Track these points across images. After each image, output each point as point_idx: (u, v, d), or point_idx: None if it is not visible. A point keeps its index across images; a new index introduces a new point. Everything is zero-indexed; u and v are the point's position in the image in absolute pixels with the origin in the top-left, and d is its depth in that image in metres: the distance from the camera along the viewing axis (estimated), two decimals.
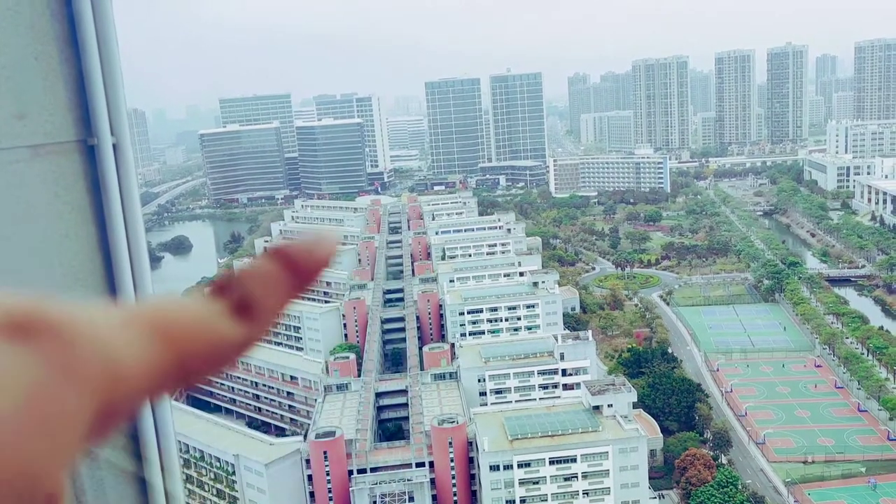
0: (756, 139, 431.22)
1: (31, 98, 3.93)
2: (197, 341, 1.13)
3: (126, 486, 4.37)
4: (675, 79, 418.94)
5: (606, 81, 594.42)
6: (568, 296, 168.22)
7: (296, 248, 1.24)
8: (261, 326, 1.20)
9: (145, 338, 1.08)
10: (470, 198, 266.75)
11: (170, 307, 1.15)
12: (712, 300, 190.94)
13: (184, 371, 1.12)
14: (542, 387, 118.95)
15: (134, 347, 1.06)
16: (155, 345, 1.08)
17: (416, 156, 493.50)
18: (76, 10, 4.01)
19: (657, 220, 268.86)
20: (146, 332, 1.08)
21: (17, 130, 3.88)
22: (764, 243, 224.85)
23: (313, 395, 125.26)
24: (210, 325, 1.15)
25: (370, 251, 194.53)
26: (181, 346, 1.11)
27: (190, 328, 1.13)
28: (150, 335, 1.08)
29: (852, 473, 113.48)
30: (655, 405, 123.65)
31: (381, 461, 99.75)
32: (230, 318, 1.17)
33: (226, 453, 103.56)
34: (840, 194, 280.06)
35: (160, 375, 1.09)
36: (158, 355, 1.08)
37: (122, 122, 4.31)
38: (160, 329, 1.10)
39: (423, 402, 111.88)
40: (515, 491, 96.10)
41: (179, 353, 1.11)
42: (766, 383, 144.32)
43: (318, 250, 1.25)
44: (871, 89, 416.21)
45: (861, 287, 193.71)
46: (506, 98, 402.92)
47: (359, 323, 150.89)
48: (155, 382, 1.09)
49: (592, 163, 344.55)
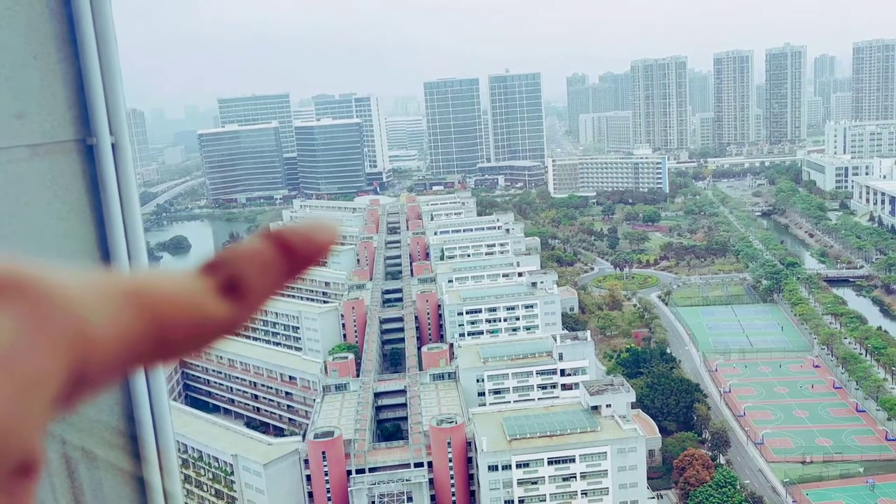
0: (754, 139, 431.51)
1: (30, 97, 3.93)
2: (178, 314, 1.11)
3: (125, 487, 4.37)
4: (673, 79, 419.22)
5: (605, 82, 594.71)
6: (566, 296, 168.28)
7: (293, 232, 1.20)
8: (249, 308, 1.17)
9: (123, 305, 1.06)
10: (469, 198, 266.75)
11: (153, 278, 1.13)
12: (711, 300, 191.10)
13: (163, 343, 1.10)
14: (540, 387, 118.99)
15: (110, 313, 1.04)
16: (133, 313, 1.06)
17: (415, 156, 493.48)
18: (75, 10, 4.01)
19: (656, 221, 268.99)
20: (124, 299, 1.07)
21: (15, 130, 3.88)
22: (762, 243, 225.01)
23: (312, 396, 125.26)
24: (194, 300, 1.13)
25: (369, 251, 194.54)
26: (161, 317, 1.09)
27: (172, 300, 1.11)
28: (129, 303, 1.07)
29: (850, 473, 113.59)
30: (654, 405, 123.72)
31: (380, 461, 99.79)
32: (217, 297, 1.14)
33: (224, 453, 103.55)
34: (838, 195, 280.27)
35: (137, 344, 1.07)
36: (136, 324, 1.06)
37: (121, 121, 4.30)
38: (140, 298, 1.08)
39: (422, 402, 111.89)
40: (514, 491, 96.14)
41: (159, 324, 1.08)
42: (765, 383, 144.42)
43: (316, 237, 1.21)
44: (869, 90, 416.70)
45: (859, 287, 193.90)
46: (504, 98, 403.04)
47: (357, 323, 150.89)
48: (131, 351, 1.06)
49: (591, 163, 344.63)
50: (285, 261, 1.18)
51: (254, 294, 1.16)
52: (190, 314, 1.12)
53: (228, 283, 1.15)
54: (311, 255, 1.20)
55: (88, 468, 4.18)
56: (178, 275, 1.15)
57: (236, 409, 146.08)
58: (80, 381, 1.01)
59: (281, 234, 1.19)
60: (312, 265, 1.21)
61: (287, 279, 1.19)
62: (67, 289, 1.01)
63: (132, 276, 1.14)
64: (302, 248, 1.19)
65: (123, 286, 1.09)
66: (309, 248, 1.19)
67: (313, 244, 1.19)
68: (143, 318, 1.07)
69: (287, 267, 1.18)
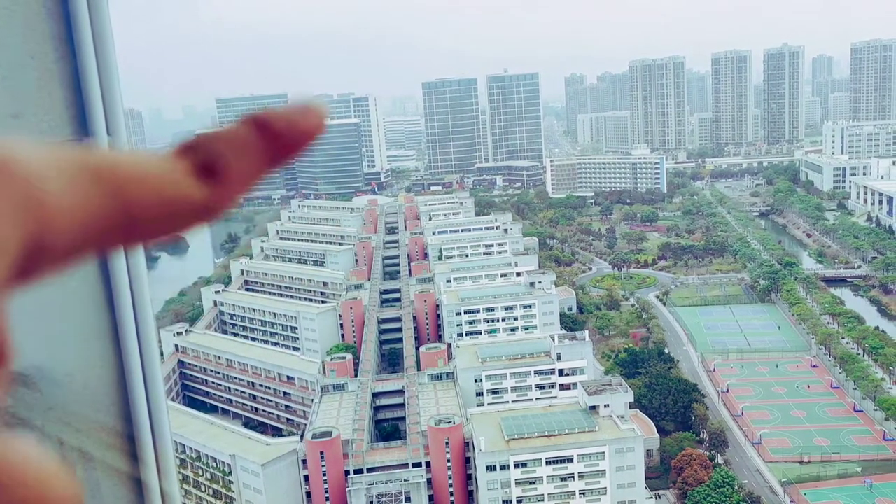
0: (752, 140, 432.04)
1: (27, 97, 3.92)
2: (148, 192, 1.04)
3: (122, 488, 4.36)
4: (671, 79, 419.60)
5: (603, 82, 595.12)
6: (564, 296, 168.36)
7: (277, 115, 1.11)
8: (227, 192, 1.10)
9: (87, 178, 1.00)
10: (467, 198, 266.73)
11: (123, 156, 1.08)
12: (709, 300, 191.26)
13: (130, 221, 1.04)
14: (538, 387, 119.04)
15: (72, 184, 0.98)
16: (98, 187, 1.01)
17: (413, 156, 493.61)
18: (72, 8, 4.00)
19: (654, 221, 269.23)
20: (90, 172, 1.01)
21: (11, 130, 3.87)
22: (760, 244, 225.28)
23: (310, 396, 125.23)
24: (166, 179, 1.06)
25: (367, 251, 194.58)
26: (128, 193, 1.03)
27: (141, 177, 1.04)
28: (94, 177, 1.01)
29: (848, 473, 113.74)
30: (652, 405, 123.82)
31: (378, 461, 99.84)
32: (193, 178, 1.07)
33: (222, 453, 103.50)
34: (836, 195, 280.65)
35: (100, 219, 1.01)
36: (100, 197, 1.01)
37: (119, 121, 4.29)
38: (106, 172, 1.02)
39: (420, 402, 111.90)
40: (512, 491, 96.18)
41: (125, 200, 1.02)
42: (763, 383, 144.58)
43: (302, 121, 1.11)
44: (867, 90, 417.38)
45: (857, 287, 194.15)
46: (503, 98, 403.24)
47: (355, 323, 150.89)
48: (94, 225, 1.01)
49: (589, 163, 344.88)
50: (268, 145, 1.10)
51: (232, 178, 1.09)
52: (161, 193, 1.05)
53: (205, 165, 1.08)
54: (296, 140, 1.12)
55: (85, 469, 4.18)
56: (151, 154, 1.10)
57: (234, 409, 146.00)
58: (38, 250, 0.97)
59: (264, 117, 1.11)
60: (297, 151, 1.14)
61: (270, 165, 1.12)
62: (28, 157, 0.97)
63: (100, 152, 1.07)
64: (286, 133, 1.11)
65: (90, 160, 1.03)
66: (294, 133, 1.11)
67: (299, 128, 1.11)
68: (109, 192, 1.02)
69: (270, 151, 1.10)
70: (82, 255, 1.03)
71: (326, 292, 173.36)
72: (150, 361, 4.52)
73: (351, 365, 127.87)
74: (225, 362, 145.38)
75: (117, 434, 4.38)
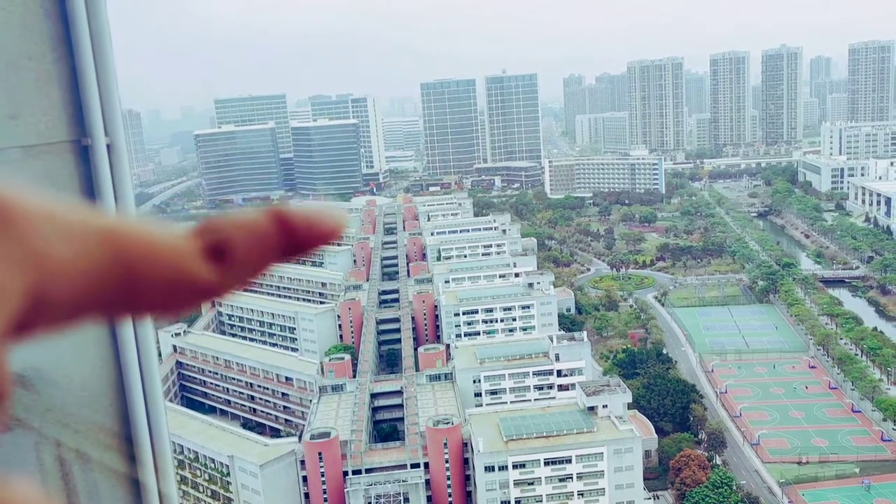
0: (751, 140, 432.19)
1: (24, 98, 3.91)
2: (153, 266, 1.06)
3: (120, 488, 4.35)
4: (669, 80, 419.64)
5: (601, 83, 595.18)
6: (563, 297, 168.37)
7: (297, 213, 1.14)
8: (233, 278, 1.12)
9: (95, 242, 1.02)
10: (465, 199, 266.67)
11: (136, 225, 1.09)
12: (707, 301, 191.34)
13: (133, 292, 1.06)
14: (537, 388, 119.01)
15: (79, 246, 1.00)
16: (104, 252, 1.03)
17: (412, 157, 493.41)
18: (70, 9, 3.99)
19: (652, 222, 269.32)
20: (98, 237, 1.03)
21: (9, 131, 3.86)
22: (758, 244, 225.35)
23: (308, 396, 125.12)
24: (174, 255, 1.08)
25: (365, 252, 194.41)
26: (134, 263, 1.05)
27: (149, 250, 1.06)
28: (101, 242, 1.03)
29: (846, 474, 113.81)
30: (650, 406, 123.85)
31: (376, 462, 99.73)
32: (201, 259, 1.10)
33: (220, 454, 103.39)
34: (834, 196, 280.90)
35: (103, 285, 1.03)
36: (105, 263, 1.02)
37: (117, 122, 4.28)
38: (114, 240, 1.04)
39: (419, 402, 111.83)
40: (510, 492, 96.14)
41: (130, 270, 1.04)
42: (761, 384, 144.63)
43: (320, 224, 1.15)
44: (864, 91, 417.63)
45: (855, 288, 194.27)
46: (501, 99, 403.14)
47: (354, 324, 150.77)
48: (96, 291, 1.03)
49: (588, 164, 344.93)
50: (282, 239, 1.13)
51: (241, 264, 1.12)
52: (166, 269, 1.07)
53: (216, 247, 1.11)
54: (311, 241, 1.15)
55: (83, 470, 4.17)
56: (164, 228, 1.11)
57: (232, 409, 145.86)
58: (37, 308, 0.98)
59: (284, 213, 1.14)
60: (309, 251, 1.16)
61: (280, 258, 1.15)
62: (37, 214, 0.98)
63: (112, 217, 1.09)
64: (302, 232, 1.14)
65: (100, 225, 1.04)
66: (309, 233, 1.14)
67: (315, 230, 1.14)
68: (114, 260, 1.03)
69: (282, 246, 1.13)
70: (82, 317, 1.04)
71: (325, 293, 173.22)
72: (147, 362, 4.51)
73: (349, 365, 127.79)
74: (223, 363, 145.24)
75: (115, 435, 4.37)
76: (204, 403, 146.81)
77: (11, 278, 0.94)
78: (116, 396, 4.37)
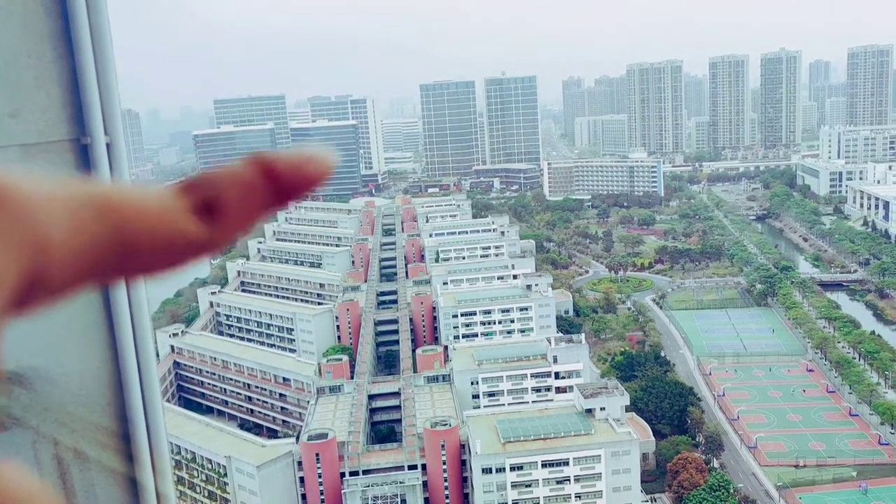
0: (749, 144, 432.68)
1: (24, 96, 3.90)
2: (146, 228, 1.07)
3: (117, 488, 4.34)
4: (669, 83, 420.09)
5: (601, 85, 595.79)
6: (561, 299, 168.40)
7: (282, 158, 1.14)
8: (224, 232, 1.12)
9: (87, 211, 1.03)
10: (464, 200, 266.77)
11: (124, 191, 1.09)
12: (705, 304, 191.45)
13: (128, 256, 1.07)
14: (534, 390, 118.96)
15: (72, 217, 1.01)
16: (97, 220, 1.03)
17: (411, 158, 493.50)
18: (70, 8, 3.98)
19: (651, 224, 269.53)
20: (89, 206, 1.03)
21: (9, 129, 3.85)
22: (757, 248, 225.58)
23: (306, 397, 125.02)
24: (165, 215, 1.08)
25: (364, 253, 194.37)
26: (127, 228, 1.05)
27: (141, 213, 1.07)
28: (94, 210, 1.03)
29: (843, 478, 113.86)
30: (648, 409, 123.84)
31: (374, 463, 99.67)
32: (192, 216, 1.10)
33: (218, 455, 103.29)
34: (832, 199, 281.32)
35: (99, 253, 1.04)
36: (99, 232, 1.03)
37: (116, 121, 4.28)
38: (106, 207, 1.05)
39: (416, 404, 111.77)
40: (508, 494, 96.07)
41: (124, 234, 1.05)
42: (758, 387, 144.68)
43: (307, 167, 1.14)
44: (863, 95, 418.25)
45: (853, 292, 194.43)
46: (500, 101, 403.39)
47: (352, 325, 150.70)
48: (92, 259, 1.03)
49: (586, 166, 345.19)
50: (270, 188, 1.12)
51: (231, 218, 1.12)
52: (159, 229, 1.08)
53: (205, 203, 1.11)
54: (299, 186, 1.14)
55: (81, 469, 4.16)
56: (152, 190, 1.12)
57: (230, 410, 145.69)
58: (36, 283, 0.99)
59: (269, 160, 1.13)
60: (299, 196, 1.15)
61: (270, 208, 1.14)
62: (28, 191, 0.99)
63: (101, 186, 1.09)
64: (289, 177, 1.13)
65: (91, 195, 1.05)
66: (297, 178, 1.13)
67: (302, 174, 1.13)
68: (108, 226, 1.04)
69: (271, 194, 1.12)
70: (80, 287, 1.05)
71: (323, 294, 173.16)
72: (146, 362, 4.50)
73: (347, 367, 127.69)
74: (221, 363, 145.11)
75: (113, 434, 4.36)
76: (201, 404, 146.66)
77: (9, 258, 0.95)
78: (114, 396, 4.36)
